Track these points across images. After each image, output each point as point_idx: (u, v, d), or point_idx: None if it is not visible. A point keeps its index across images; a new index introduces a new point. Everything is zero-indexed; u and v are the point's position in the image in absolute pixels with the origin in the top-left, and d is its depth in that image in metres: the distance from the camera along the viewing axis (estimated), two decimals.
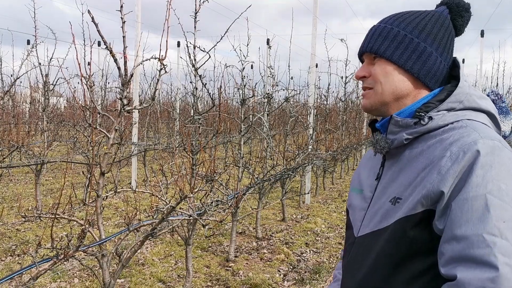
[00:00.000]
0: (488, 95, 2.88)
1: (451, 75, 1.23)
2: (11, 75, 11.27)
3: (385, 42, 1.18)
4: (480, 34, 13.71)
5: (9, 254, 5.23)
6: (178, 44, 13.18)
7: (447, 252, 1.00)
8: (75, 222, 5.63)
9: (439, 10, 1.23)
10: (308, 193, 8.45)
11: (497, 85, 14.62)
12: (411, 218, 1.06)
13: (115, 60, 2.89)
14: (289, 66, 7.42)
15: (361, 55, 1.27)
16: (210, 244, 5.83)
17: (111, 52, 2.90)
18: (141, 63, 3.32)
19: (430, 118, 1.12)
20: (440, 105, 1.14)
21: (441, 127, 1.12)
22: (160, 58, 3.05)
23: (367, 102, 1.23)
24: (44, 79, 8.16)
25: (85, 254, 2.90)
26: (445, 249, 1.00)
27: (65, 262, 4.88)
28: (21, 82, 13.31)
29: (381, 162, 1.27)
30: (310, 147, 7.19)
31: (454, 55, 1.24)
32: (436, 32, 1.19)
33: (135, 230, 3.23)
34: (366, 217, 1.22)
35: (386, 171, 1.23)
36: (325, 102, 10.51)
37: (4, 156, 6.37)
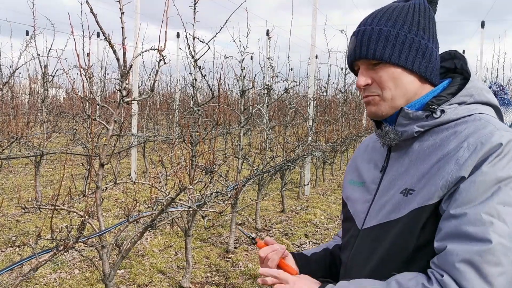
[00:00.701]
0: (490, 87, 2.88)
1: (448, 67, 1.24)
2: (10, 66, 11.23)
3: (388, 46, 1.14)
4: (480, 25, 13.65)
5: (9, 245, 5.24)
6: (178, 35, 13.12)
7: (443, 228, 1.02)
8: (74, 213, 5.64)
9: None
10: (308, 184, 8.46)
11: (497, 76, 14.59)
12: (426, 208, 1.06)
13: (114, 51, 2.87)
14: (288, 57, 7.40)
15: (354, 62, 1.21)
16: (209, 235, 5.85)
17: (110, 43, 2.89)
18: (140, 54, 3.31)
19: (443, 111, 1.12)
20: (452, 98, 1.15)
21: (453, 121, 1.12)
22: (160, 49, 3.03)
23: (377, 109, 1.19)
24: (43, 70, 8.12)
25: (85, 245, 2.91)
26: (442, 225, 1.02)
27: (65, 253, 4.90)
28: (20, 73, 13.28)
29: (385, 155, 1.26)
30: (310, 138, 7.18)
31: (455, 47, 1.24)
32: (428, 26, 1.18)
33: (135, 222, 3.23)
34: (372, 209, 1.22)
35: (392, 163, 1.22)
36: (324, 94, 10.49)
37: (3, 148, 6.37)
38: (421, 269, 1.07)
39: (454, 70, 1.23)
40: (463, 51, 20.44)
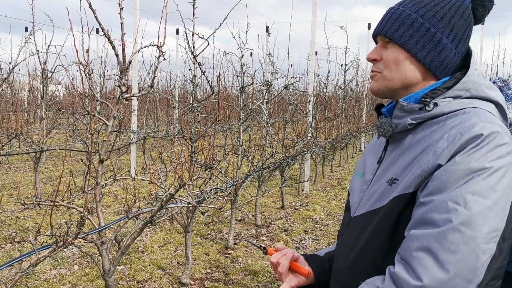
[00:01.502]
0: (494, 82, 2.86)
1: (463, 64, 1.21)
2: (9, 63, 11.22)
3: (401, 28, 1.15)
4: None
5: (9, 241, 5.25)
6: (177, 32, 13.10)
7: (413, 216, 1.04)
8: (74, 210, 5.65)
9: None
10: (307, 181, 8.46)
11: (497, 72, 14.58)
12: (404, 196, 1.08)
13: (113, 47, 2.87)
14: (288, 53, 7.39)
15: (375, 36, 1.25)
16: (209, 232, 5.85)
17: (109, 39, 2.88)
18: (140, 50, 3.30)
19: (436, 104, 1.13)
20: (446, 92, 1.14)
21: (445, 114, 1.12)
22: (159, 45, 3.03)
23: (375, 85, 1.22)
24: (42, 67, 8.11)
25: (85, 241, 2.91)
26: (413, 213, 1.04)
27: (64, 249, 4.90)
28: (19, 69, 13.26)
29: (384, 147, 1.28)
30: (309, 135, 7.18)
31: None
32: (455, 23, 1.16)
33: (134, 218, 3.23)
34: (363, 198, 1.24)
35: (388, 155, 1.24)
36: (324, 90, 10.47)
37: (3, 144, 6.36)
38: None
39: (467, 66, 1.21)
40: None
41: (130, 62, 2.94)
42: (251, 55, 13.88)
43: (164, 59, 3.15)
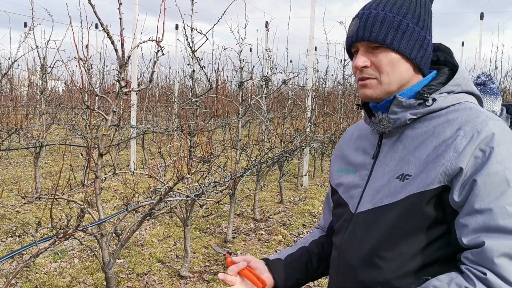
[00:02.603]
0: (479, 77, 2.90)
1: (432, 59, 1.28)
2: (8, 58, 11.23)
3: (391, 32, 1.17)
4: (479, 17, 13.63)
5: (10, 235, 5.29)
6: (177, 27, 13.10)
7: (470, 224, 1.05)
8: (74, 204, 5.68)
9: None
10: (306, 175, 8.51)
11: (496, 68, 14.57)
12: (426, 193, 1.10)
13: (112, 42, 2.89)
14: (287, 48, 7.41)
15: (353, 43, 1.23)
16: (208, 226, 5.90)
17: (108, 34, 2.91)
18: (139, 45, 3.33)
19: (434, 99, 1.17)
20: (442, 87, 1.20)
21: (443, 109, 1.18)
22: (158, 40, 3.06)
23: (371, 93, 1.22)
24: (42, 62, 8.13)
25: (85, 233, 2.95)
26: (467, 221, 1.06)
27: (65, 243, 4.95)
28: (18, 65, 13.26)
29: (377, 142, 1.30)
30: (308, 129, 7.22)
31: (455, 39, 1.28)
32: (426, 17, 1.22)
33: (134, 211, 3.28)
34: (366, 194, 1.25)
35: (385, 150, 1.26)
36: (323, 85, 10.50)
37: (3, 139, 6.39)
38: (416, 249, 1.12)
39: (437, 62, 1.28)
40: (462, 44, 20.39)
41: (129, 57, 2.97)
42: (250, 50, 13.89)
43: (163, 54, 3.18)
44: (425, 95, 1.18)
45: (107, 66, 11.22)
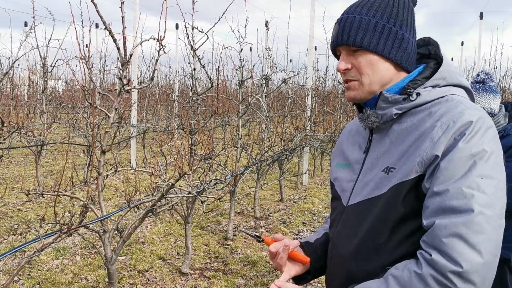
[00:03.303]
0: (478, 75, 2.94)
1: (422, 53, 1.32)
2: (9, 58, 11.26)
3: (368, 34, 1.21)
4: (479, 17, 13.67)
5: (11, 233, 5.33)
6: (177, 27, 13.14)
7: (429, 206, 1.09)
8: (76, 202, 5.70)
9: None
10: (305, 173, 8.54)
11: (496, 67, 14.57)
12: (405, 183, 1.14)
13: (114, 41, 2.93)
14: (287, 47, 7.44)
15: (335, 47, 1.28)
16: (209, 224, 5.94)
17: (110, 32, 2.94)
18: (140, 44, 3.37)
19: (418, 94, 1.21)
20: (426, 82, 1.23)
21: (428, 102, 1.21)
22: (159, 38, 3.09)
23: (355, 94, 1.27)
24: (43, 61, 8.17)
25: (87, 229, 2.99)
26: (428, 203, 1.10)
27: (67, 240, 4.99)
28: (19, 64, 13.30)
29: (368, 137, 1.34)
30: (308, 128, 7.25)
31: (456, 39, 1.31)
32: (406, 16, 1.25)
33: (136, 208, 3.31)
34: (356, 187, 1.29)
35: (374, 144, 1.30)
36: (323, 85, 10.53)
37: (4, 137, 6.43)
38: (400, 240, 1.16)
39: (429, 56, 1.31)
40: (462, 43, 20.41)
41: (131, 55, 3.01)
42: (250, 50, 13.92)
43: (164, 52, 3.22)
44: (409, 90, 1.22)
45: (107, 66, 11.26)
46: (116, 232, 3.17)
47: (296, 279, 1.43)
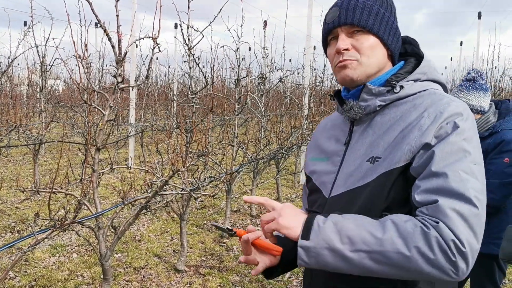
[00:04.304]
0: (469, 73, 2.98)
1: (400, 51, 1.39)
2: (8, 57, 11.27)
3: (371, 17, 1.26)
4: (477, 16, 13.68)
5: (9, 230, 5.36)
6: (176, 26, 13.15)
7: (425, 185, 1.11)
8: (72, 199, 5.73)
9: None
10: (302, 171, 8.57)
11: (495, 67, 14.56)
12: (394, 171, 1.17)
13: (109, 39, 2.96)
14: (284, 47, 7.47)
15: (335, 28, 1.28)
16: (205, 222, 5.97)
17: (105, 30, 2.97)
18: (135, 42, 3.40)
19: (401, 87, 1.26)
20: (408, 76, 1.28)
21: (410, 95, 1.26)
22: (154, 37, 3.12)
23: (352, 73, 1.26)
24: (41, 60, 8.20)
25: (82, 226, 3.01)
26: (423, 183, 1.12)
27: (63, 237, 5.02)
28: (18, 64, 13.33)
29: (348, 129, 1.36)
30: (305, 127, 7.29)
31: (456, 38, 1.36)
32: (394, 11, 1.33)
33: (130, 204, 3.34)
34: (339, 178, 1.30)
35: (356, 136, 1.32)
36: (321, 84, 10.56)
37: (2, 136, 6.46)
38: None
39: (405, 54, 1.37)
40: (461, 43, 20.45)
41: (126, 54, 3.03)
42: (249, 50, 13.94)
43: (160, 50, 3.24)
44: (393, 82, 1.26)
45: (106, 65, 11.29)
46: (111, 228, 3.20)
47: (267, 273, 1.40)
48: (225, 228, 1.41)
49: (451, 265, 1.02)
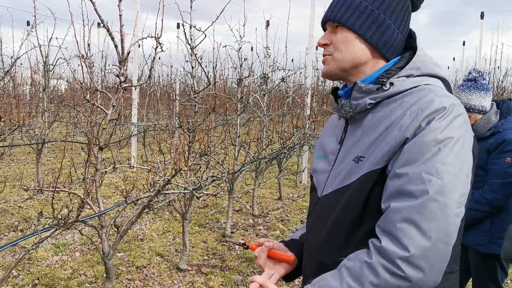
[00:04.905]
0: (470, 73, 2.98)
1: (407, 46, 1.31)
2: (11, 57, 11.32)
3: (348, 12, 1.24)
4: (480, 16, 13.65)
5: (12, 229, 5.38)
6: (178, 26, 13.18)
7: (388, 188, 1.10)
8: (75, 198, 5.74)
9: None
10: (304, 171, 8.58)
11: (497, 67, 14.51)
12: (372, 173, 1.14)
13: (112, 38, 2.97)
14: (286, 47, 7.48)
15: (324, 24, 1.32)
16: (207, 221, 5.98)
17: (108, 30, 2.99)
18: (138, 42, 3.41)
19: (391, 84, 1.20)
20: (399, 71, 1.23)
21: (401, 92, 1.20)
22: (156, 36, 3.14)
23: (326, 69, 1.29)
24: (44, 60, 8.23)
25: (85, 224, 3.03)
26: (387, 185, 1.11)
27: (66, 236, 5.04)
28: (21, 63, 13.38)
29: (343, 127, 1.34)
30: (307, 127, 7.29)
31: (460, 39, 1.32)
32: (395, 5, 1.26)
33: (133, 203, 3.35)
34: (329, 178, 1.30)
35: (349, 135, 1.30)
36: (323, 84, 10.56)
37: (5, 135, 6.48)
38: (366, 231, 1.16)
39: (411, 48, 1.30)
40: (463, 43, 20.40)
41: (128, 53, 3.05)
42: (252, 49, 13.96)
43: (162, 50, 3.26)
44: (383, 79, 1.22)
45: (109, 65, 11.32)
46: (113, 227, 3.21)
47: (285, 277, 1.45)
48: (238, 242, 1.51)
49: (404, 280, 1.02)
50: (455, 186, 1.05)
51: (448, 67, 23.83)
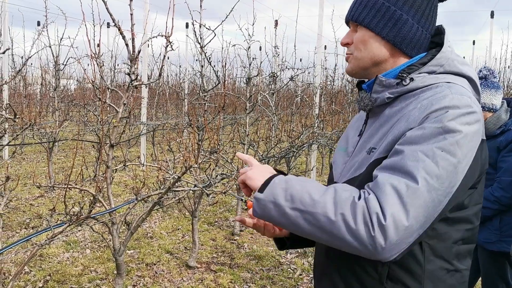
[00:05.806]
0: (480, 71, 2.98)
1: (437, 42, 1.29)
2: (22, 57, 11.45)
3: (365, 11, 1.27)
4: (490, 15, 13.55)
5: (24, 226, 5.45)
6: (187, 26, 13.22)
7: (385, 162, 1.12)
8: (86, 196, 5.80)
9: None
10: (312, 169, 8.58)
11: (508, 67, 14.41)
12: (377, 161, 1.17)
13: (123, 37, 3.01)
14: (295, 46, 7.50)
15: (347, 23, 1.36)
16: (216, 219, 6.02)
17: (119, 29, 3.02)
18: (149, 40, 3.45)
19: (411, 79, 1.21)
20: (422, 67, 1.23)
21: (420, 88, 1.21)
22: (167, 35, 3.17)
23: (349, 67, 1.34)
24: (55, 60, 8.31)
25: (96, 221, 3.07)
26: (384, 161, 1.12)
27: (77, 233, 5.10)
28: (31, 63, 13.52)
29: (364, 120, 1.37)
30: (316, 126, 7.30)
31: (470, 38, 1.30)
32: (413, 0, 1.25)
33: (143, 201, 3.39)
34: (345, 169, 1.33)
35: (367, 128, 1.33)
36: (332, 83, 10.55)
37: (17, 133, 6.56)
38: None
39: (438, 45, 1.29)
40: (473, 42, 20.27)
41: (139, 52, 3.08)
42: (260, 49, 13.97)
43: (172, 49, 3.29)
44: (404, 74, 1.22)
45: (118, 65, 11.41)
46: (124, 224, 3.25)
47: (279, 244, 1.52)
48: (240, 198, 1.52)
49: (370, 239, 1.01)
50: (448, 175, 1.05)
51: None
